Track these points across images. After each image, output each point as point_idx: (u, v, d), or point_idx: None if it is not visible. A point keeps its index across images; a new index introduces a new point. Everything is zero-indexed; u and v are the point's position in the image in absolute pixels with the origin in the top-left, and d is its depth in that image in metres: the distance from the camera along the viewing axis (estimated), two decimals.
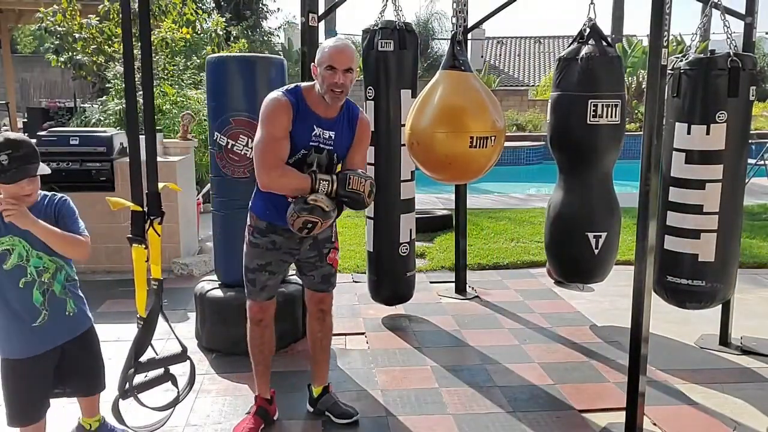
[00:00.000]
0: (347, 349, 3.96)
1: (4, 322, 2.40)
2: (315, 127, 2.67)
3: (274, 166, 2.60)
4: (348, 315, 4.42)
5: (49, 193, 2.49)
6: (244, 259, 2.90)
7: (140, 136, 2.65)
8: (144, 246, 2.58)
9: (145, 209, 2.61)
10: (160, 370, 2.67)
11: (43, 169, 2.40)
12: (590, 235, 3.89)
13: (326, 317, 3.08)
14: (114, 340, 3.87)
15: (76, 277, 2.56)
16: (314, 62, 2.66)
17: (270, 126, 2.61)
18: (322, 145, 2.69)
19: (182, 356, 2.72)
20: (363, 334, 4.19)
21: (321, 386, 3.15)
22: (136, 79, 2.67)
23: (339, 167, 2.80)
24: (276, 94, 2.68)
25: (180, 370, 2.74)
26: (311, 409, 3.16)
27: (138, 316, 2.62)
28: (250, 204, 2.88)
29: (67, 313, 2.49)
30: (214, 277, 4.09)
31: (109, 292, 4.99)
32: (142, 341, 2.59)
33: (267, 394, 3.05)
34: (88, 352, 2.61)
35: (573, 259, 4.01)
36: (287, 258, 2.89)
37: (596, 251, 3.90)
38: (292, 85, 2.74)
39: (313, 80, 2.69)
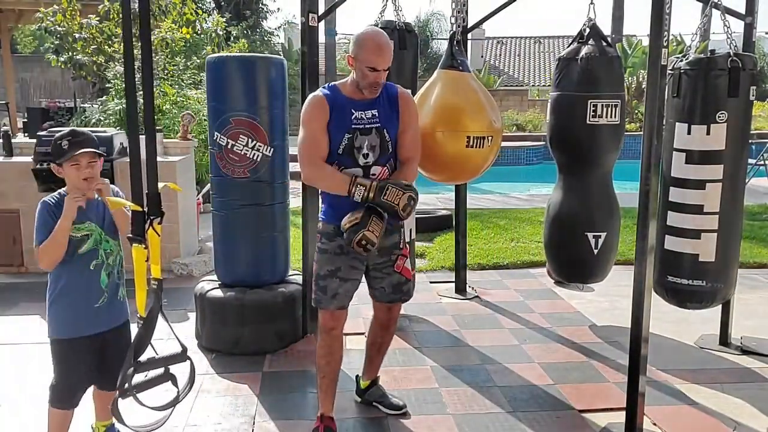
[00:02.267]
0: (347, 349, 3.93)
1: (71, 302, 2.55)
2: (353, 110, 2.74)
3: (313, 162, 2.72)
4: (348, 315, 4.41)
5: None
6: (314, 268, 2.91)
7: (140, 136, 2.65)
8: (144, 246, 2.59)
9: (145, 209, 2.61)
10: (160, 370, 2.67)
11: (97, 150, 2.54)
12: (590, 235, 3.88)
13: (392, 326, 3.12)
14: None
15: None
16: (350, 54, 2.72)
17: (309, 124, 2.73)
18: (367, 126, 2.75)
19: (182, 356, 2.71)
20: (363, 334, 4.18)
21: (370, 380, 3.23)
22: (136, 79, 2.67)
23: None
24: (313, 95, 2.81)
25: (180, 370, 2.73)
26: (359, 399, 3.25)
27: (138, 315, 2.62)
28: (320, 213, 2.93)
29: (119, 298, 2.63)
30: (214, 277, 4.09)
31: None
32: (142, 341, 2.59)
33: (332, 412, 2.96)
34: (126, 344, 2.65)
35: (572, 259, 4.01)
36: (357, 264, 2.86)
37: (595, 251, 3.90)
38: (326, 84, 2.87)
39: (344, 79, 2.81)
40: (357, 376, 3.32)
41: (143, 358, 2.60)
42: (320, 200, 2.94)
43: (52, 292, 2.56)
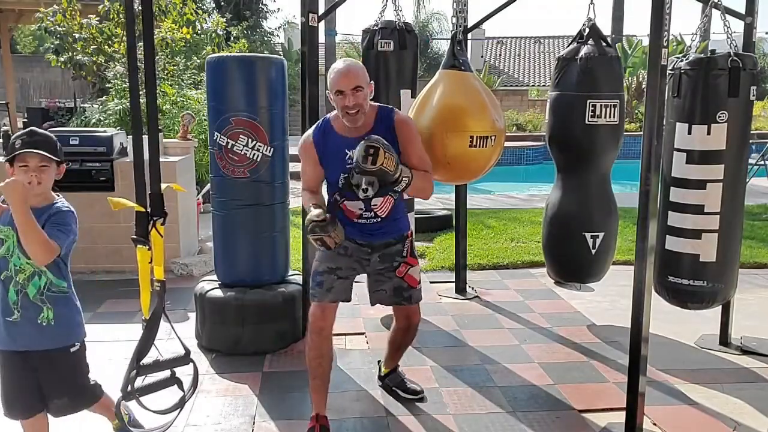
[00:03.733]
0: (347, 349, 3.95)
1: None
2: (347, 151, 2.73)
3: (303, 188, 2.92)
4: (348, 315, 4.41)
5: (59, 202, 2.42)
6: (314, 267, 2.94)
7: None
8: (148, 247, 2.58)
9: (148, 210, 2.61)
10: (166, 373, 2.65)
11: (48, 155, 2.33)
12: (587, 235, 3.89)
13: (411, 329, 3.17)
14: (113, 341, 3.89)
15: (67, 290, 2.43)
16: (327, 89, 2.75)
17: (302, 162, 2.89)
18: None
19: (185, 359, 2.70)
20: (363, 334, 4.19)
21: (390, 368, 3.34)
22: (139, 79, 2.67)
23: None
24: (305, 135, 2.91)
25: (183, 372, 2.73)
26: (380, 383, 3.38)
27: (143, 318, 2.61)
28: None
29: (39, 321, 2.36)
30: (214, 277, 4.09)
31: (109, 292, 4.98)
32: (144, 344, 2.58)
33: (325, 410, 2.94)
34: (59, 374, 2.45)
35: (570, 258, 4.01)
36: (357, 266, 2.92)
37: (593, 251, 3.90)
38: (321, 119, 2.90)
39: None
40: (378, 361, 3.44)
41: (147, 360, 2.59)
42: None
43: None
